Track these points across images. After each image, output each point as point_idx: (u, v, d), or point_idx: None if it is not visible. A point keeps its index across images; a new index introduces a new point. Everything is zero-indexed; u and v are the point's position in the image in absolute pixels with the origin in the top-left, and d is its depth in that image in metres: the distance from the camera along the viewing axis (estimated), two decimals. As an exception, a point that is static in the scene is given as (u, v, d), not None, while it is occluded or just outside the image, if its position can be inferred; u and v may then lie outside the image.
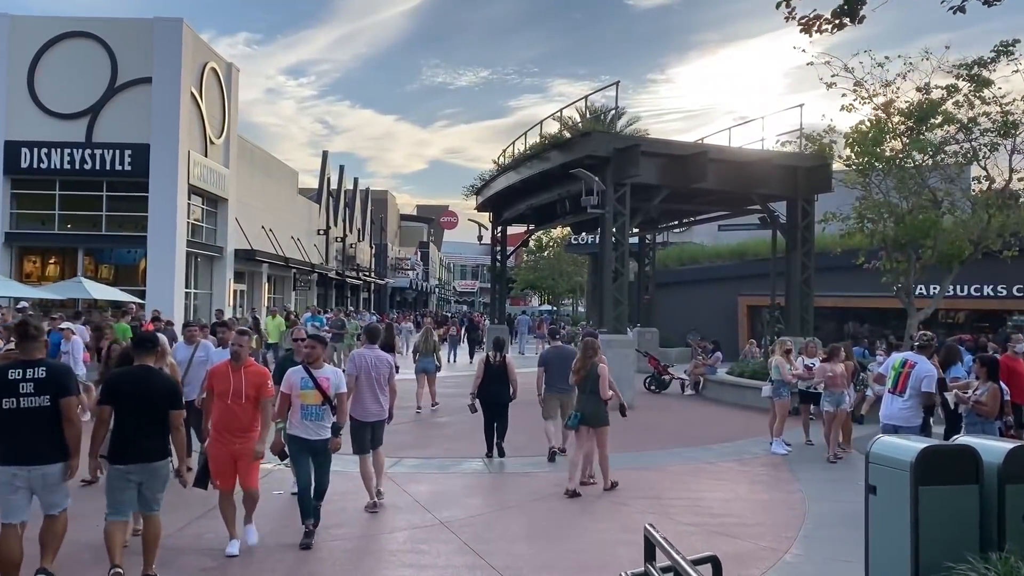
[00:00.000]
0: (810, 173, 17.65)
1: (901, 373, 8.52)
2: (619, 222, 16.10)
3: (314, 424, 6.91)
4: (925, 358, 8.62)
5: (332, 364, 15.07)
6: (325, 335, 12.57)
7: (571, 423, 8.98)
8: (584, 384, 8.98)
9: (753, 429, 13.77)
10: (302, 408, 6.89)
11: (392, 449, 11.37)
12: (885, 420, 8.51)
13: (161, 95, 23.12)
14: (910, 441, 5.85)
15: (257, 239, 30.33)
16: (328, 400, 6.92)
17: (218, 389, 6.60)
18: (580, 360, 9.10)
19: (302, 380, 6.91)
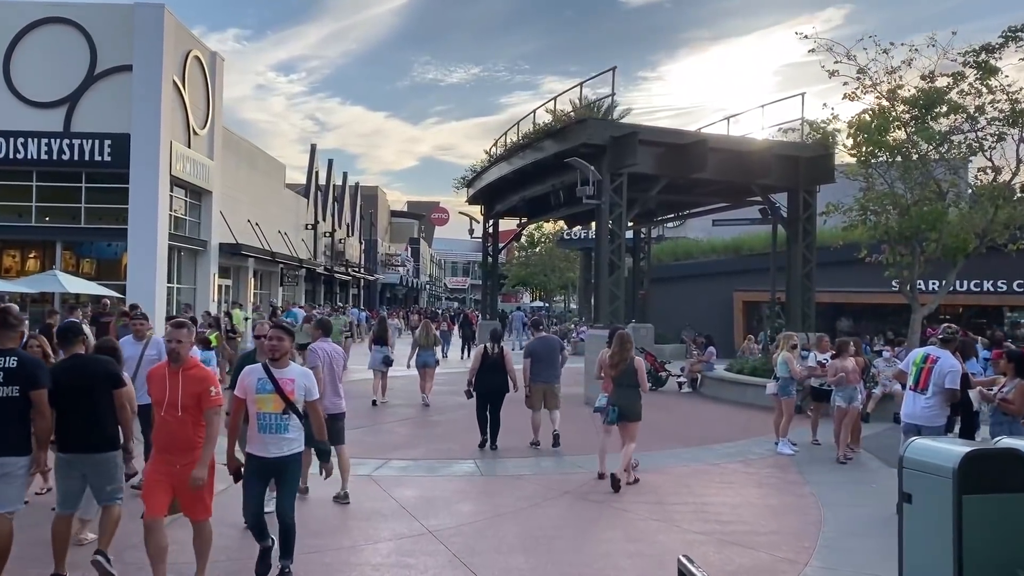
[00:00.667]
0: (812, 163, 17.12)
1: (923, 369, 7.97)
2: (615, 213, 15.52)
3: (273, 438, 5.47)
4: (948, 352, 8.09)
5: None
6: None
7: (610, 418, 8.81)
8: (621, 378, 8.83)
9: (756, 428, 13.23)
10: (259, 418, 5.48)
11: (379, 450, 10.80)
12: (907, 419, 7.96)
13: (142, 84, 22.35)
14: (950, 444, 5.29)
15: (243, 233, 29.57)
16: (292, 407, 5.52)
17: (154, 397, 5.37)
18: (617, 354, 8.88)
19: (259, 382, 5.53)
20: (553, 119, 16.79)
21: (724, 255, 32.21)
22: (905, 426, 8.00)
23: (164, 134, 22.66)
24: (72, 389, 5.48)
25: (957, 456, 4.90)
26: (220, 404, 5.39)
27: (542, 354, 11.11)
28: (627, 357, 8.83)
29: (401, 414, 14.12)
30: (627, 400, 8.79)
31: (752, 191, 17.90)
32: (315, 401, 5.72)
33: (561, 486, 8.83)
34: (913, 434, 7.88)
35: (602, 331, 15.42)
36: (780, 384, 11.36)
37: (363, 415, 13.92)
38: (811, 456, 10.96)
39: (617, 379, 8.88)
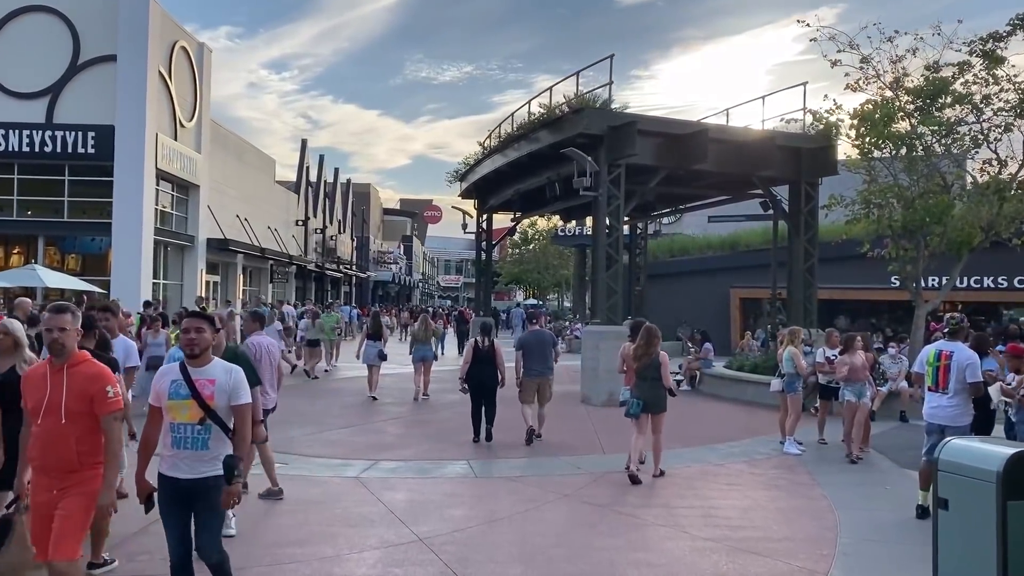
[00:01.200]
0: (814, 155, 16.68)
1: (939, 367, 7.50)
2: (613, 205, 15.05)
3: (188, 456, 4.30)
4: (961, 344, 7.63)
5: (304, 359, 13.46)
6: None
7: (633, 411, 8.79)
8: (646, 371, 8.87)
9: (758, 427, 12.78)
10: (171, 429, 4.33)
11: (368, 450, 10.32)
12: (930, 419, 7.50)
13: (127, 74, 21.82)
14: (992, 445, 4.84)
15: (231, 228, 29.05)
16: (212, 416, 4.32)
17: (29, 402, 4.39)
18: (643, 347, 8.90)
19: (172, 385, 4.35)
20: (548, 109, 16.31)
21: (720, 251, 31.79)
22: (928, 426, 7.55)
23: (149, 126, 22.13)
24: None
25: (1001, 458, 4.45)
26: (119, 408, 4.44)
27: (534, 347, 11.07)
28: (652, 352, 8.85)
29: (392, 412, 13.64)
30: (651, 393, 8.83)
31: (753, 183, 17.46)
32: (244, 406, 4.45)
33: (560, 488, 8.36)
34: (937, 435, 7.44)
35: (600, 328, 14.98)
36: (786, 381, 10.91)
37: (353, 413, 13.44)
38: (819, 456, 10.52)
39: (641, 372, 8.89)
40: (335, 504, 7.57)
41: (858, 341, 10.51)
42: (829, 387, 11.33)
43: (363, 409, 13.99)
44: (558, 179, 16.81)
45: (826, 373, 11.30)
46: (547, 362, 11.16)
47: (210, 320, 4.59)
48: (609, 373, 14.59)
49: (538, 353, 11.04)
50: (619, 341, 14.94)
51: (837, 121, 15.70)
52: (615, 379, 14.79)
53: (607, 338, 14.76)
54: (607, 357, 14.60)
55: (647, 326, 9.20)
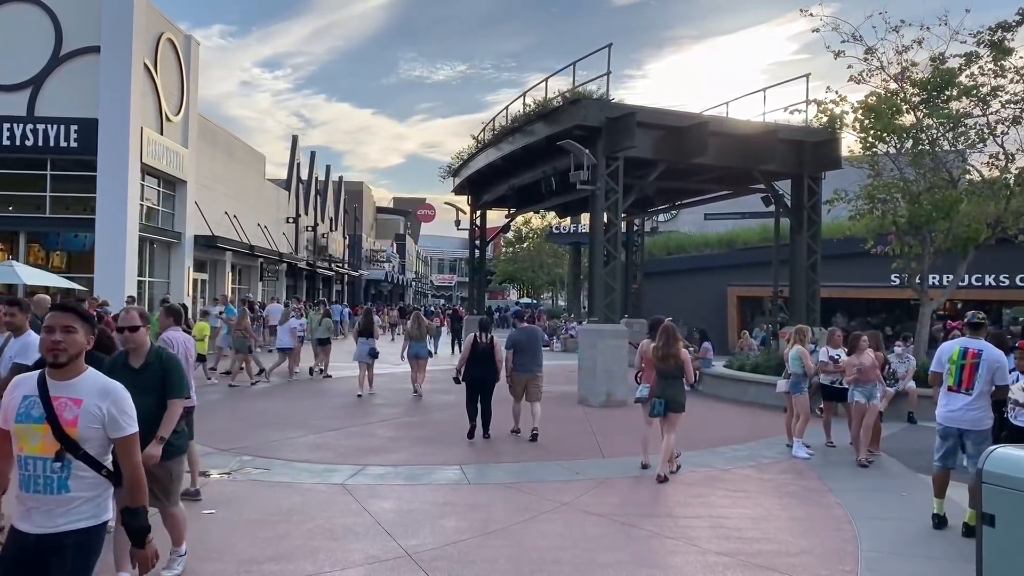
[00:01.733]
0: (817, 149, 16.22)
1: (964, 365, 7.03)
2: (611, 200, 14.57)
3: (43, 502, 3.18)
4: (986, 342, 7.16)
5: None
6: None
7: (657, 411, 8.78)
8: (668, 370, 8.84)
9: (763, 428, 12.33)
10: (20, 464, 3.23)
11: (355, 454, 9.80)
12: (947, 422, 7.02)
13: (110, 66, 21.20)
14: (1046, 455, 4.36)
15: (219, 225, 28.44)
16: (73, 448, 3.18)
17: None
18: (663, 347, 8.82)
19: (23, 403, 3.24)
20: (544, 102, 15.81)
21: (718, 249, 31.35)
22: (944, 429, 7.07)
23: (134, 120, 21.53)
24: None
25: (1058, 470, 3.97)
26: None
27: (524, 344, 11.15)
28: (674, 351, 8.80)
29: (383, 414, 13.12)
30: (672, 391, 8.84)
31: (754, 178, 16.99)
32: (128, 438, 3.29)
33: (558, 495, 7.87)
34: (954, 439, 6.99)
35: (597, 326, 14.50)
36: (792, 381, 10.45)
37: (342, 415, 12.91)
38: (828, 460, 10.05)
39: (662, 371, 8.86)
40: (318, 514, 7.05)
41: (864, 340, 10.03)
42: (833, 388, 10.86)
43: (352, 410, 13.47)
44: (554, 173, 16.33)
45: (829, 373, 10.83)
46: (536, 359, 11.20)
47: (85, 317, 3.42)
48: (607, 373, 14.12)
49: (529, 350, 11.10)
50: (617, 340, 14.51)
51: (842, 113, 15.25)
52: (613, 379, 14.36)
53: (605, 337, 14.29)
54: (605, 356, 14.13)
55: (665, 324, 9.09)
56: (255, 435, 11.00)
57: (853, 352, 9.97)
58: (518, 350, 11.06)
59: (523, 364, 11.01)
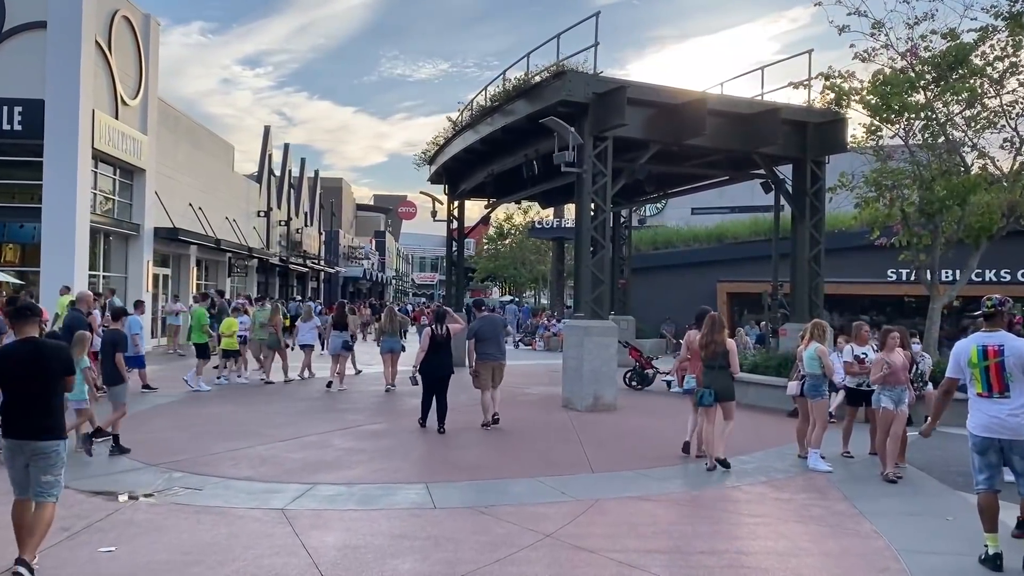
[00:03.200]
0: (821, 131, 14.99)
1: (988, 367, 5.73)
2: (599, 184, 13.26)
3: None
4: (1006, 332, 5.87)
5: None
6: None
7: (707, 400, 8.80)
8: (714, 360, 8.85)
9: (768, 435, 11.08)
10: None
11: (305, 470, 8.42)
12: (985, 433, 5.74)
13: (58, 43, 19.61)
14: None
15: (183, 217, 26.87)
16: None
17: None
18: (707, 335, 8.91)
19: None
20: (525, 76, 14.46)
21: (707, 244, 30.15)
22: (979, 442, 5.78)
23: (84, 102, 19.94)
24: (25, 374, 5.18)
25: None
26: None
27: (487, 333, 11.17)
28: (719, 340, 8.82)
29: (346, 420, 11.72)
30: (721, 381, 8.82)
31: (753, 162, 15.73)
32: None
33: (540, 523, 6.53)
34: (995, 453, 5.71)
35: (583, 323, 13.19)
36: (808, 384, 9.17)
37: (299, 421, 11.48)
38: (849, 473, 8.79)
39: (708, 361, 8.88)
40: (243, 553, 5.68)
41: (894, 337, 8.78)
42: (859, 391, 9.62)
43: (313, 416, 12.07)
44: (536, 157, 15.00)
45: (855, 374, 9.58)
46: (500, 347, 11.29)
47: None
48: (594, 374, 12.82)
49: (491, 338, 11.13)
50: (605, 338, 13.19)
51: (850, 90, 14.00)
52: (601, 380, 13.04)
53: (592, 334, 12.97)
54: (592, 355, 12.83)
55: (712, 314, 9.14)
56: (195, 446, 9.61)
57: (883, 349, 8.71)
58: (481, 339, 11.04)
59: (488, 353, 11.03)
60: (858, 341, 9.74)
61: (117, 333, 9.64)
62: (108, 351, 9.30)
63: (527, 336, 31.83)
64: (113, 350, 9.26)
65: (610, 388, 13.08)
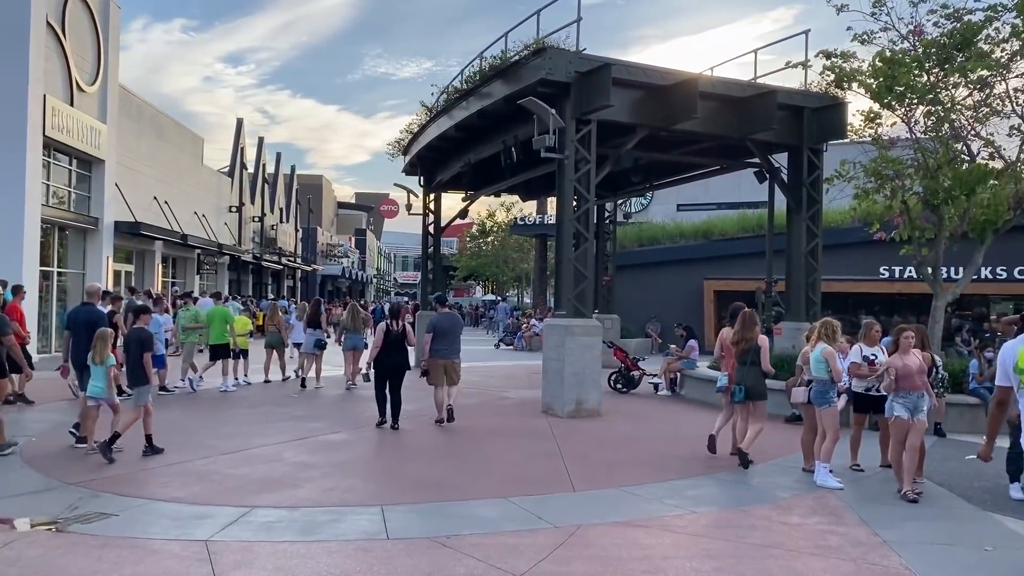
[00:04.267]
0: (819, 116, 14.04)
1: None
2: (582, 171, 12.24)
3: None
4: None
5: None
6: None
7: (738, 398, 8.64)
8: (745, 356, 8.66)
9: (765, 444, 10.02)
10: None
11: (244, 490, 7.32)
12: None
13: (4, 22, 18.32)
14: None
15: (147, 211, 25.64)
16: None
17: None
18: (740, 331, 8.78)
19: None
20: (503, 55, 13.41)
21: (693, 240, 29.21)
22: None
23: (34, 86, 18.66)
24: None
25: None
26: None
27: (445, 329, 10.96)
28: (750, 336, 8.66)
29: (300, 429, 10.61)
30: (752, 379, 8.58)
31: (747, 150, 14.74)
32: None
33: (512, 560, 5.49)
34: None
35: (565, 321, 12.15)
36: (815, 390, 8.17)
37: (249, 431, 10.33)
38: (862, 491, 7.80)
39: (741, 357, 8.70)
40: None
41: (908, 337, 7.81)
42: (868, 396, 8.65)
43: (267, 424, 10.96)
44: (515, 143, 13.93)
45: (864, 377, 8.61)
46: (455, 345, 11.07)
47: None
48: (577, 377, 11.80)
49: (449, 336, 10.96)
50: (589, 337, 12.16)
51: (852, 71, 13.04)
52: (584, 384, 12.02)
53: (574, 334, 11.94)
54: (575, 357, 11.81)
55: (745, 311, 8.95)
56: (127, 459, 8.50)
57: (897, 349, 7.74)
58: (438, 334, 10.85)
59: (442, 350, 10.83)
60: (867, 341, 8.75)
61: (144, 331, 9.03)
62: (135, 350, 8.75)
63: (508, 336, 30.79)
64: (140, 349, 8.74)
65: (594, 392, 12.06)
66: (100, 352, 8.49)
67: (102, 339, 8.53)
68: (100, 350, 8.48)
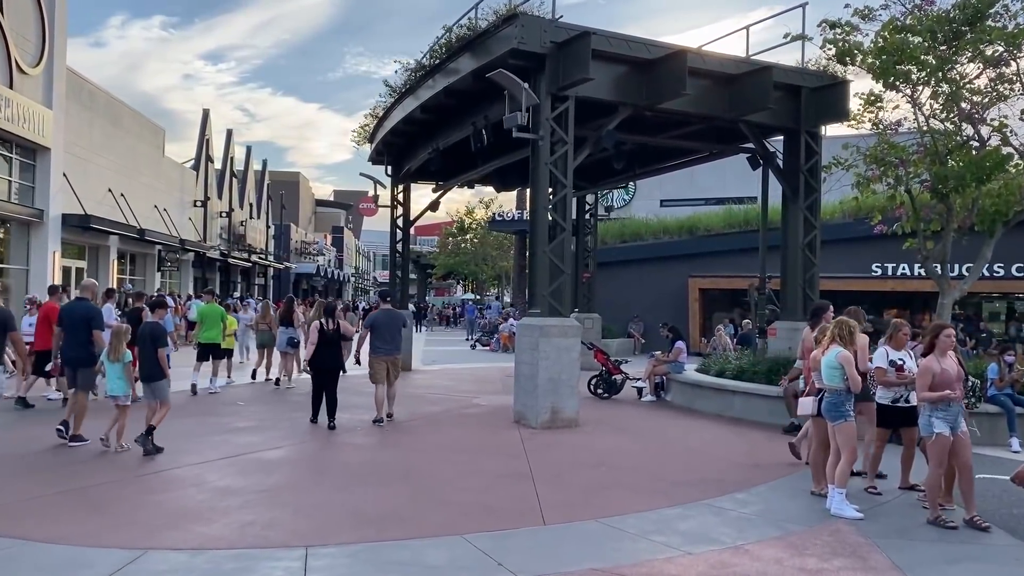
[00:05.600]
0: (819, 96, 12.85)
1: None
2: (559, 153, 10.99)
3: None
4: None
5: None
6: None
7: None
8: None
9: (765, 460, 8.90)
10: None
11: (142, 527, 5.96)
12: None
13: (-67, -4, 16.90)
14: None
15: (100, 204, 24.12)
16: None
17: None
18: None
19: None
20: (472, 24, 12.10)
21: (678, 236, 28.06)
22: None
23: (-34, 65, 17.21)
24: None
25: None
26: None
27: (384, 325, 10.73)
28: None
29: (235, 443, 9.26)
30: None
31: (739, 133, 13.53)
32: None
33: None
34: None
35: (539, 321, 10.89)
36: (829, 402, 6.94)
37: (176, 449, 8.81)
38: (884, 521, 6.59)
39: None
40: None
41: (948, 336, 6.62)
42: (894, 408, 7.44)
43: (200, 437, 9.58)
44: (486, 125, 12.66)
45: (891, 386, 7.40)
46: (395, 342, 10.87)
47: None
48: (552, 383, 10.56)
49: (387, 332, 10.72)
50: (566, 339, 10.89)
51: (855, 44, 11.87)
52: (560, 390, 10.74)
53: (550, 335, 10.68)
54: (550, 360, 10.57)
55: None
56: (10, 487, 7.13)
57: (932, 351, 6.55)
58: (376, 332, 10.66)
59: (381, 347, 10.63)
60: (894, 344, 7.53)
61: (157, 327, 9.01)
62: (150, 345, 8.69)
63: (485, 336, 29.52)
64: (155, 345, 8.69)
65: (571, 400, 10.80)
66: (116, 349, 8.50)
67: (118, 336, 8.55)
68: (116, 347, 8.50)
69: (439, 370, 19.40)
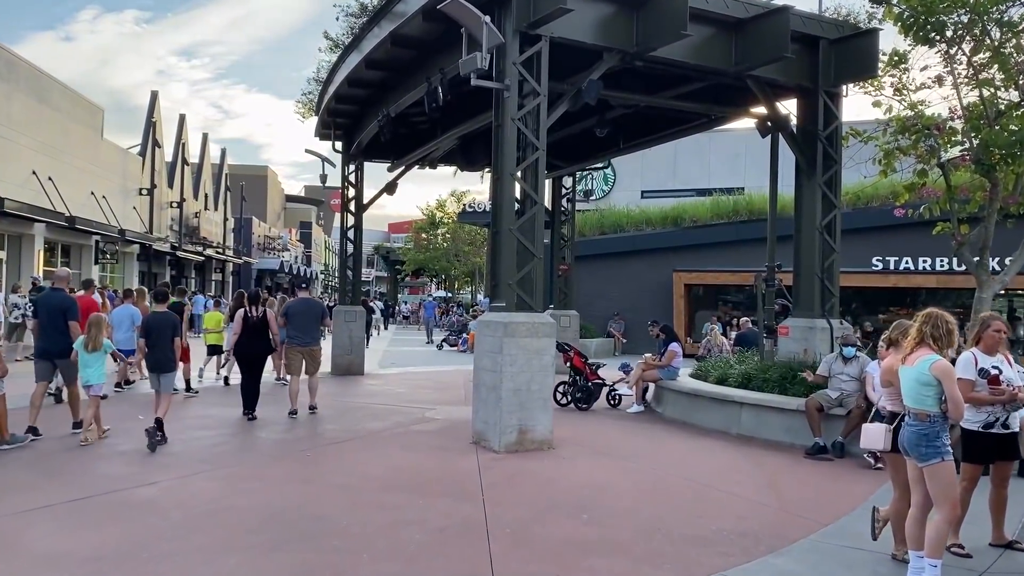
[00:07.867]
0: (840, 50, 10.76)
1: None
2: (529, 106, 8.79)
3: None
4: None
5: None
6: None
7: None
8: None
9: (793, 499, 6.77)
10: None
11: None
12: None
13: None
14: None
15: (22, 188, 21.56)
16: None
17: None
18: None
19: None
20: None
21: (662, 227, 26.03)
22: None
23: None
24: None
25: None
26: None
27: (299, 314, 10.62)
28: None
29: (99, 478, 6.96)
30: None
31: (747, 93, 11.37)
32: None
33: None
34: None
35: (504, 316, 8.68)
36: (915, 432, 4.77)
37: (29, 478, 6.63)
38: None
39: None
40: None
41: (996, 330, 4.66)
42: (989, 435, 5.33)
43: (63, 469, 7.27)
44: (442, 81, 10.42)
45: (982, 405, 5.30)
46: (312, 332, 10.72)
47: None
48: (519, 394, 8.37)
49: (302, 322, 10.60)
50: (537, 340, 8.64)
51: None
52: (529, 404, 8.49)
53: (517, 334, 8.46)
54: (517, 366, 8.37)
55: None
56: None
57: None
58: (291, 321, 10.59)
59: (296, 336, 10.53)
60: (984, 347, 5.41)
61: (173, 317, 9.03)
62: (167, 335, 8.66)
63: (452, 336, 27.29)
64: (172, 334, 8.72)
65: (543, 416, 8.60)
66: (95, 338, 8.30)
67: (96, 325, 8.36)
68: (95, 336, 8.30)
69: (396, 374, 17.12)
